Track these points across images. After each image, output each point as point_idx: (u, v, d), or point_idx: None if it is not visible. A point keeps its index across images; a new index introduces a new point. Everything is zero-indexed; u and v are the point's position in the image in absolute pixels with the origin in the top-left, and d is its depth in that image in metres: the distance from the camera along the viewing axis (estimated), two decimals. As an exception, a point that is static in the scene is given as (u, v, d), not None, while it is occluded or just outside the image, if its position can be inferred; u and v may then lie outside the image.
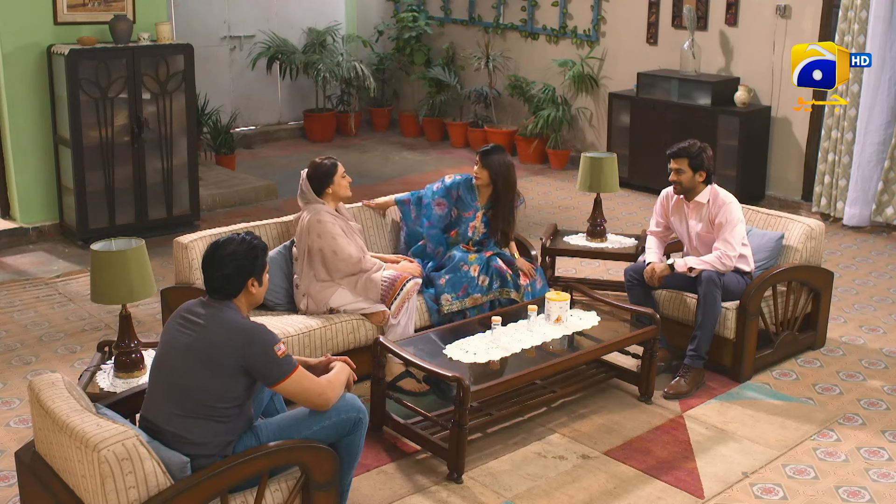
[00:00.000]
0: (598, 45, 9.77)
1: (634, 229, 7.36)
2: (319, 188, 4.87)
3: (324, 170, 4.87)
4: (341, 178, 4.89)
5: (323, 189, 4.87)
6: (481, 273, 5.16)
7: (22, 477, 3.51)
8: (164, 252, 6.62)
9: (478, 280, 5.13)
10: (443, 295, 5.07)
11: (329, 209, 4.87)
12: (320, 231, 4.78)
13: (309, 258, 4.82)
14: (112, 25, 7.10)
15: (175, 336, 3.32)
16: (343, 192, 4.92)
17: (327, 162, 4.89)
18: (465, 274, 5.13)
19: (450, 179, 5.43)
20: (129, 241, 4.08)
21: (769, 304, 5.14)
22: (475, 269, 5.15)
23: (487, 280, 5.16)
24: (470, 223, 5.37)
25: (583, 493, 4.01)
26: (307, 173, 4.91)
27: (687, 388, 4.87)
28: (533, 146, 10.02)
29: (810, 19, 8.09)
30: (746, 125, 8.28)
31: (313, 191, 4.87)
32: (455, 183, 5.40)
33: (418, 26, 11.10)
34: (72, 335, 5.63)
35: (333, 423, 3.41)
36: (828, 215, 8.00)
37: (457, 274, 5.12)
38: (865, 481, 4.13)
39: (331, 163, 4.89)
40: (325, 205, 4.87)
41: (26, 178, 7.33)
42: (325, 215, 4.82)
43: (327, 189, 4.87)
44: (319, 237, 4.78)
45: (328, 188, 4.87)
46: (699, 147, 5.06)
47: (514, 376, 4.28)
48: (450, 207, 5.38)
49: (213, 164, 9.38)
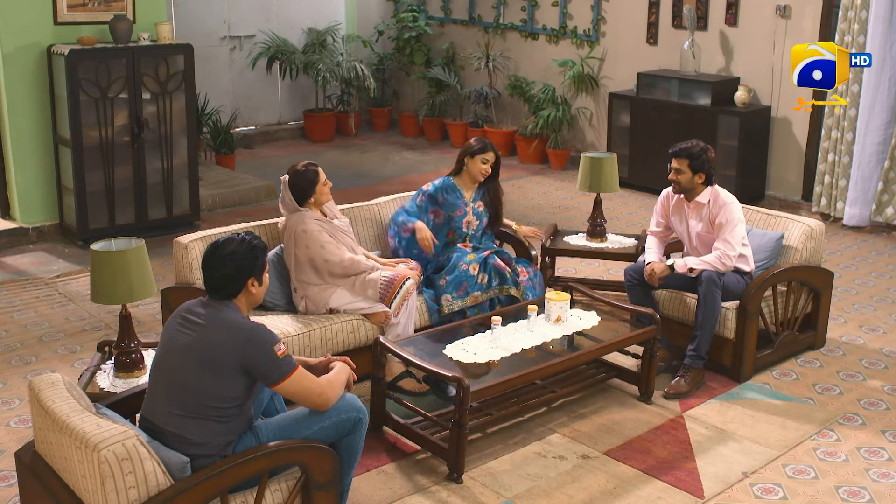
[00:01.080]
0: (598, 45, 9.77)
1: (634, 229, 7.36)
2: (302, 198, 4.82)
3: (307, 179, 4.80)
4: (323, 185, 4.84)
5: (305, 199, 4.83)
6: (480, 271, 5.17)
7: (22, 477, 3.51)
8: (164, 252, 6.62)
9: (477, 278, 5.14)
10: (443, 296, 5.07)
11: (314, 215, 4.82)
12: (307, 241, 4.75)
13: (299, 266, 4.80)
14: (112, 25, 7.10)
15: (175, 336, 3.32)
16: (324, 199, 4.88)
17: (309, 171, 4.81)
18: (464, 273, 5.13)
19: (429, 188, 5.43)
20: (129, 241, 4.08)
21: (769, 304, 5.14)
22: (474, 268, 5.15)
23: (486, 278, 5.17)
24: (463, 220, 5.40)
25: (583, 493, 4.01)
26: (289, 183, 4.84)
27: (687, 388, 4.87)
28: (533, 146, 10.02)
29: (810, 19, 8.09)
30: (746, 125, 8.28)
31: (295, 200, 4.83)
32: (437, 188, 5.41)
33: (418, 26, 11.10)
34: (72, 335, 5.63)
35: (333, 423, 3.42)
36: (828, 215, 8.00)
37: (456, 273, 5.13)
38: (865, 481, 4.13)
39: (313, 171, 4.82)
40: (308, 211, 4.83)
41: (26, 178, 7.33)
42: (310, 223, 4.77)
43: (310, 198, 4.83)
44: (308, 248, 4.75)
45: (310, 198, 4.83)
46: (701, 148, 5.05)
47: (514, 376, 4.28)
48: (445, 214, 5.40)
49: (213, 164, 9.38)
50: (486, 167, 5.40)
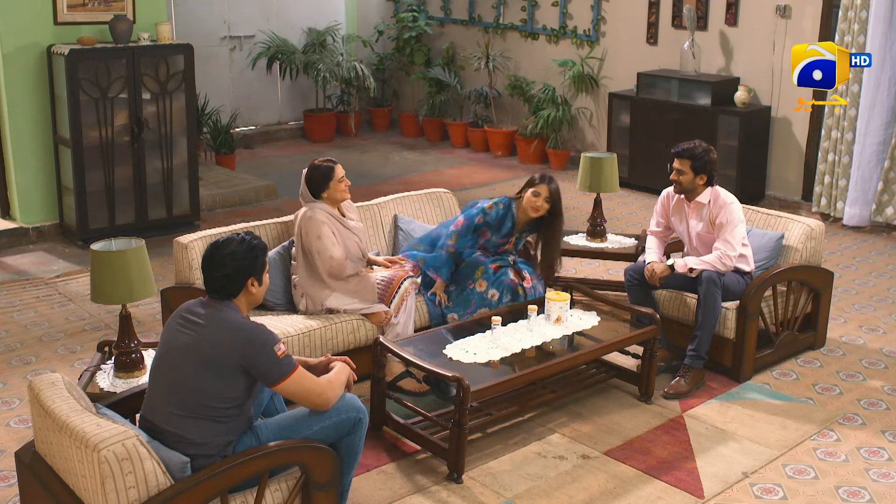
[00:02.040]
0: (598, 45, 9.77)
1: (634, 229, 7.36)
2: (316, 191, 4.87)
3: (321, 173, 4.85)
4: (338, 182, 4.85)
5: (319, 192, 4.87)
6: (490, 287, 5.06)
7: (22, 477, 3.51)
8: (164, 252, 6.62)
9: (487, 294, 5.05)
10: (449, 315, 5.02)
11: (325, 208, 4.86)
12: (307, 228, 4.78)
13: (302, 254, 4.84)
14: (112, 25, 7.10)
15: (175, 336, 3.32)
16: (340, 196, 4.89)
17: (325, 165, 4.87)
18: (471, 291, 5.06)
19: (490, 213, 5.14)
20: (129, 241, 4.08)
21: (769, 304, 5.14)
22: (482, 285, 5.06)
23: (498, 294, 5.05)
24: (504, 246, 5.25)
25: (583, 493, 4.01)
26: (305, 175, 4.91)
27: (687, 388, 4.87)
28: (533, 146, 10.02)
29: (810, 19, 8.09)
30: (746, 125, 8.28)
31: (310, 192, 4.89)
32: (496, 217, 5.15)
33: (418, 26, 11.10)
34: (72, 335, 5.63)
35: (333, 423, 3.41)
36: (828, 215, 8.00)
37: (463, 292, 5.07)
38: (865, 481, 4.13)
39: (328, 166, 4.86)
40: (322, 203, 4.88)
41: (26, 178, 7.33)
42: (318, 213, 4.81)
43: (323, 193, 4.86)
44: (307, 234, 4.79)
45: (324, 192, 4.86)
46: (704, 149, 5.04)
47: (514, 376, 4.28)
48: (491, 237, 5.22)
49: (213, 164, 9.38)
50: (536, 201, 5.08)
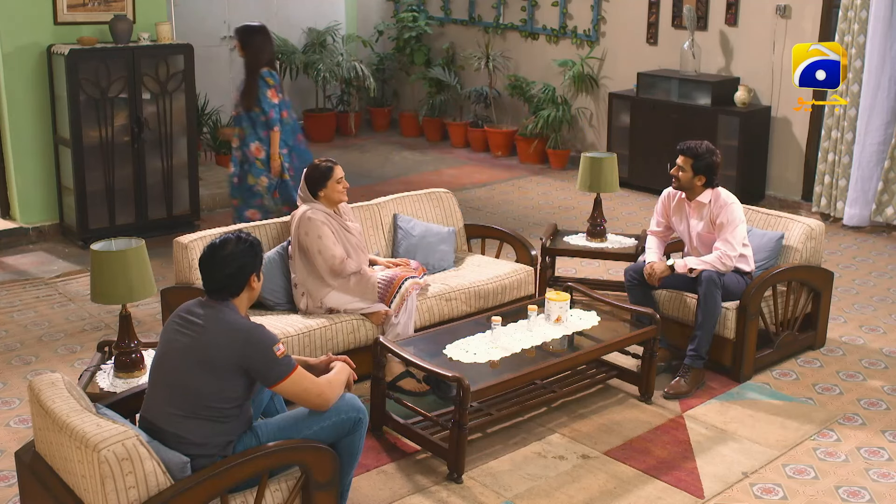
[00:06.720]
0: (598, 45, 9.77)
1: (634, 229, 7.36)
2: (314, 189, 4.89)
3: (320, 172, 4.87)
4: (336, 182, 4.87)
5: (316, 191, 4.88)
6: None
7: (22, 477, 3.51)
8: (164, 252, 6.61)
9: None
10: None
11: (323, 208, 4.87)
12: (308, 228, 4.79)
13: (300, 253, 4.85)
14: (112, 25, 7.10)
15: (174, 336, 3.32)
16: (337, 198, 4.90)
17: (325, 165, 4.89)
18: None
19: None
20: (129, 241, 4.08)
21: (769, 304, 5.14)
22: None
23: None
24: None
25: (583, 493, 4.01)
26: (305, 173, 4.93)
27: (687, 388, 4.87)
28: (533, 146, 10.02)
29: (810, 19, 8.09)
30: (746, 125, 8.28)
31: (308, 192, 4.90)
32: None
33: (418, 26, 11.10)
34: (72, 335, 5.63)
35: (333, 424, 3.41)
36: (828, 215, 8.00)
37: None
38: (865, 481, 4.13)
39: (327, 166, 4.88)
40: (320, 204, 4.88)
41: (26, 178, 7.33)
42: (317, 213, 4.82)
43: (320, 192, 4.88)
44: (307, 234, 4.80)
45: (321, 192, 4.87)
46: (708, 151, 5.03)
47: (514, 376, 4.28)
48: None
49: (213, 164, 9.38)
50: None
